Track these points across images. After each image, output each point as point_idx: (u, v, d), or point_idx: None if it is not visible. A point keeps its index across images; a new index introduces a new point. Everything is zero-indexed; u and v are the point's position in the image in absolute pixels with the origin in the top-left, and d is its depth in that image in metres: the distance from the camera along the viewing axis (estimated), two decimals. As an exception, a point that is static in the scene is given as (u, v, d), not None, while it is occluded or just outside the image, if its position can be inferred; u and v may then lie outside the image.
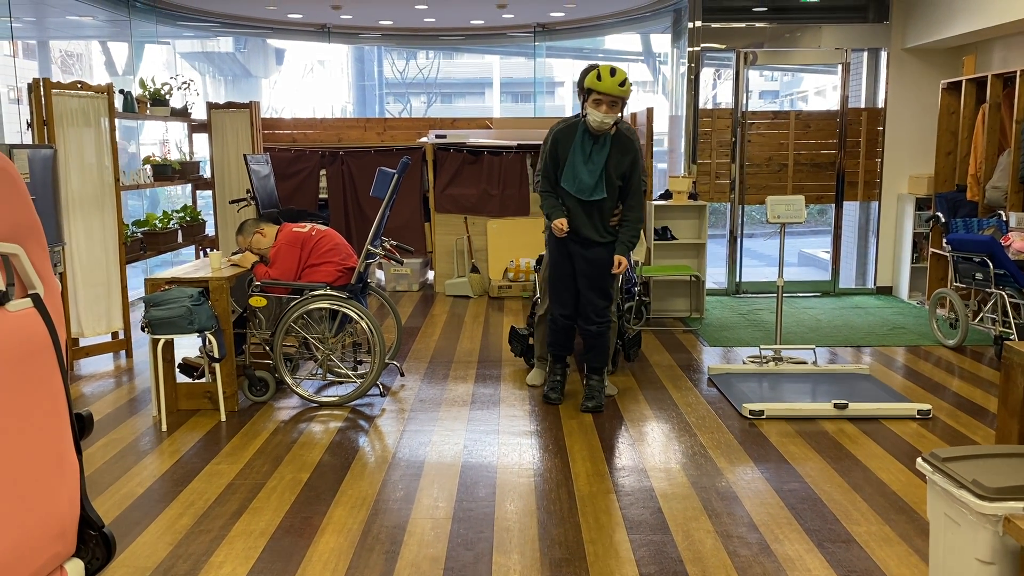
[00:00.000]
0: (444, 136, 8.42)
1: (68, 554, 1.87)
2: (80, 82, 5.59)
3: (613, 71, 4.26)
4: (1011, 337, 5.58)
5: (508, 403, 4.82)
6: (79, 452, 1.91)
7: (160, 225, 6.87)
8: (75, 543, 1.89)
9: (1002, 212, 6.13)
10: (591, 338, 4.64)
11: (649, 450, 4.10)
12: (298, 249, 4.87)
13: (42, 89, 5.30)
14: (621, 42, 12.78)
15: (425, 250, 8.47)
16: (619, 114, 4.34)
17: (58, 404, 1.79)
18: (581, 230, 4.48)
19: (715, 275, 8.31)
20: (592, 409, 4.64)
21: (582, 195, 4.40)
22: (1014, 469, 2.15)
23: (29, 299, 1.73)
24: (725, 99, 10.06)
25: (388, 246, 5.11)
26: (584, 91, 4.35)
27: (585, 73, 4.47)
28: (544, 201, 4.56)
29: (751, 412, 4.53)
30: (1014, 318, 5.61)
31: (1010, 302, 5.63)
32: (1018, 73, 6.06)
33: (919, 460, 2.38)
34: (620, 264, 4.47)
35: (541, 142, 8.28)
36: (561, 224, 4.42)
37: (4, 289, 1.65)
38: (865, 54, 8.10)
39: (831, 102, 11.76)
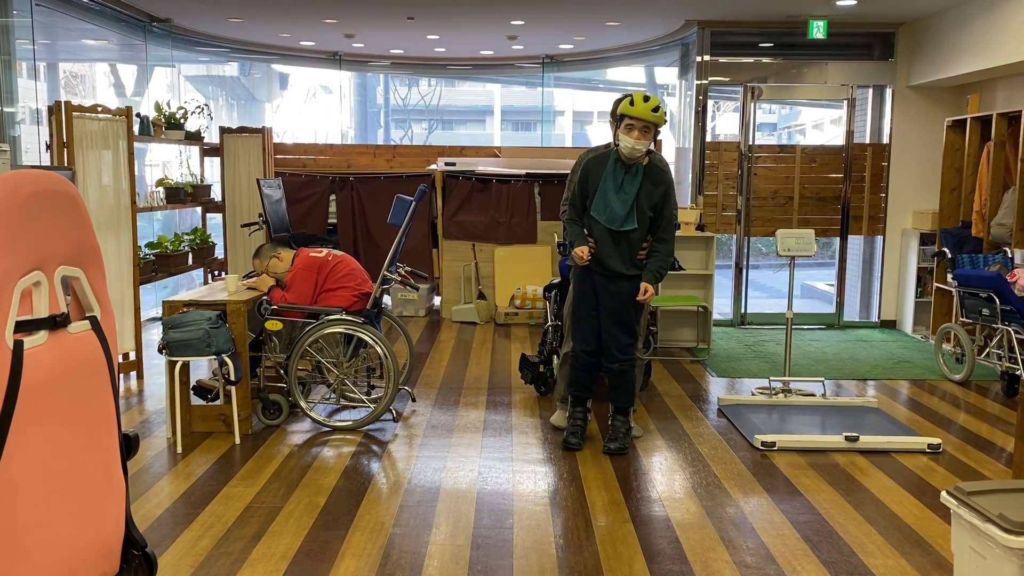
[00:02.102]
0: (453, 164, 8.51)
1: (113, 573, 1.89)
2: (100, 105, 5.66)
3: (647, 97, 4.19)
4: (1018, 372, 5.63)
5: (520, 430, 4.85)
6: (125, 472, 1.94)
7: (171, 247, 6.92)
8: (119, 562, 1.91)
9: (1007, 248, 6.20)
10: (615, 376, 4.46)
11: (663, 479, 4.13)
12: (315, 274, 4.91)
13: (63, 112, 5.36)
14: (625, 74, 12.95)
15: (432, 276, 8.52)
16: (651, 142, 4.25)
17: (110, 424, 1.83)
18: (607, 261, 4.33)
19: (720, 306, 8.36)
20: (615, 451, 4.44)
21: (612, 225, 4.27)
22: (1041, 504, 2.19)
23: (87, 321, 1.77)
24: (723, 131, 10.20)
25: (403, 272, 5.16)
26: (616, 117, 4.30)
27: (618, 102, 4.43)
28: (569, 228, 4.45)
29: (763, 443, 4.56)
30: (1020, 354, 5.66)
31: (1016, 338, 5.69)
32: (1023, 112, 6.16)
33: (944, 494, 2.42)
34: (647, 292, 4.30)
35: (548, 171, 8.40)
36: (582, 252, 4.28)
37: (66, 311, 1.69)
38: (870, 90, 8.22)
39: (829, 135, 11.91)
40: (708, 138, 8.20)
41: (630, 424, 4.58)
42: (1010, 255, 6.09)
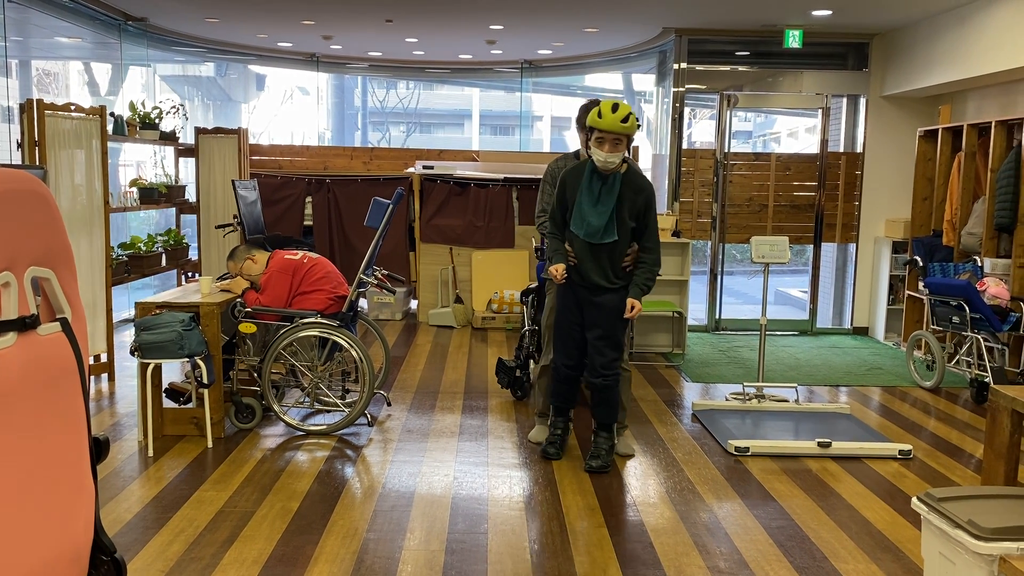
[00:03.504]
0: (431, 167, 8.49)
1: (81, 579, 1.86)
2: (73, 104, 5.59)
3: (615, 107, 3.98)
4: (986, 379, 5.71)
5: (496, 435, 4.84)
6: (95, 476, 1.91)
7: (145, 248, 6.84)
8: (88, 567, 1.88)
9: (977, 257, 6.29)
10: (598, 392, 4.28)
11: (638, 484, 4.14)
12: (289, 276, 4.88)
13: (35, 110, 5.29)
14: (603, 80, 13.01)
15: (409, 279, 8.50)
16: (624, 152, 4.07)
17: (80, 428, 1.80)
18: (589, 275, 4.17)
19: (695, 312, 8.41)
20: (596, 469, 4.25)
21: (591, 239, 4.10)
22: (1009, 510, 2.22)
23: (58, 323, 1.74)
24: (699, 138, 10.27)
25: (380, 275, 5.14)
26: (586, 129, 4.12)
27: (586, 110, 4.32)
28: (548, 243, 4.27)
29: (736, 448, 4.59)
30: (989, 361, 5.74)
31: (985, 345, 5.77)
32: (992, 124, 6.26)
33: (915, 500, 2.44)
34: (633, 308, 4.14)
35: (526, 176, 8.41)
36: (557, 271, 4.16)
37: (36, 313, 1.66)
38: (844, 100, 8.31)
39: (804, 144, 12.03)
40: (684, 145, 8.25)
41: (613, 441, 4.42)
42: (980, 264, 6.18)
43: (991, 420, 2.88)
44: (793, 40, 7.69)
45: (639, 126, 4.07)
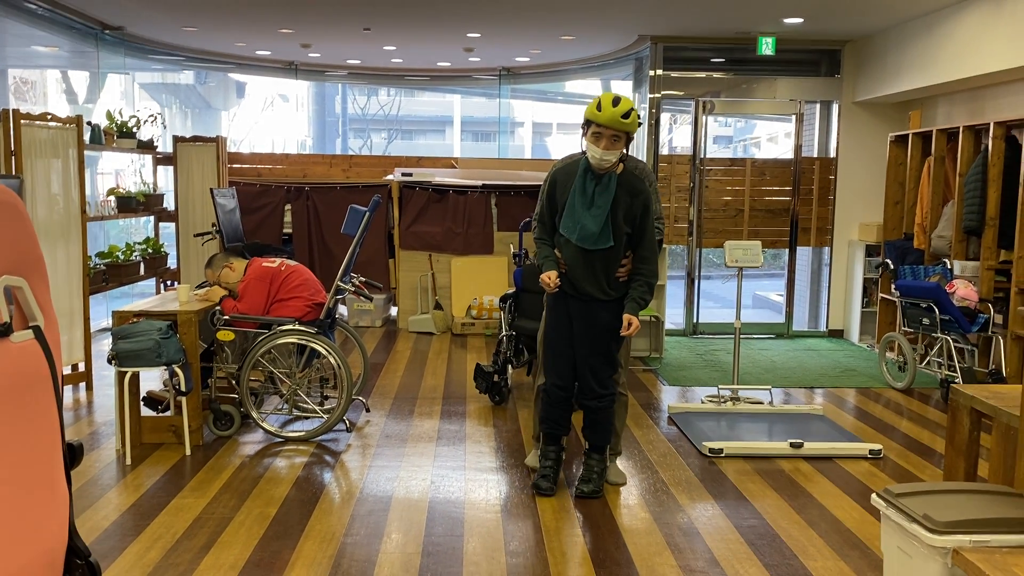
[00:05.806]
0: (410, 174, 8.54)
1: (55, 583, 1.89)
2: (49, 113, 5.60)
3: (616, 100, 3.63)
4: (956, 380, 5.82)
5: (474, 439, 4.88)
6: (69, 482, 1.95)
7: (123, 257, 6.84)
8: (62, 572, 1.91)
9: (947, 260, 6.41)
10: (592, 413, 3.98)
11: (613, 486, 4.19)
12: (267, 284, 4.90)
13: (11, 120, 5.30)
14: (581, 86, 13.11)
15: (389, 286, 8.53)
16: (622, 150, 3.73)
17: (54, 435, 1.83)
18: (581, 285, 3.81)
19: (672, 316, 8.49)
20: (588, 495, 3.97)
21: (585, 244, 3.73)
22: (962, 504, 2.29)
23: (30, 331, 1.77)
24: (679, 144, 10.38)
25: (357, 282, 5.17)
26: (584, 123, 3.75)
27: None
28: (538, 250, 3.93)
29: (711, 450, 4.66)
30: (959, 362, 5.85)
31: (955, 346, 5.88)
32: (960, 129, 6.38)
33: (874, 496, 2.51)
34: (631, 325, 3.78)
35: (505, 183, 8.47)
36: (549, 278, 3.78)
37: (8, 321, 1.70)
38: (818, 106, 8.44)
39: (783, 148, 12.18)
40: (665, 151, 8.34)
41: (605, 464, 4.13)
42: (949, 266, 6.29)
43: (952, 418, 2.96)
44: (766, 47, 7.80)
45: (640, 124, 3.73)
